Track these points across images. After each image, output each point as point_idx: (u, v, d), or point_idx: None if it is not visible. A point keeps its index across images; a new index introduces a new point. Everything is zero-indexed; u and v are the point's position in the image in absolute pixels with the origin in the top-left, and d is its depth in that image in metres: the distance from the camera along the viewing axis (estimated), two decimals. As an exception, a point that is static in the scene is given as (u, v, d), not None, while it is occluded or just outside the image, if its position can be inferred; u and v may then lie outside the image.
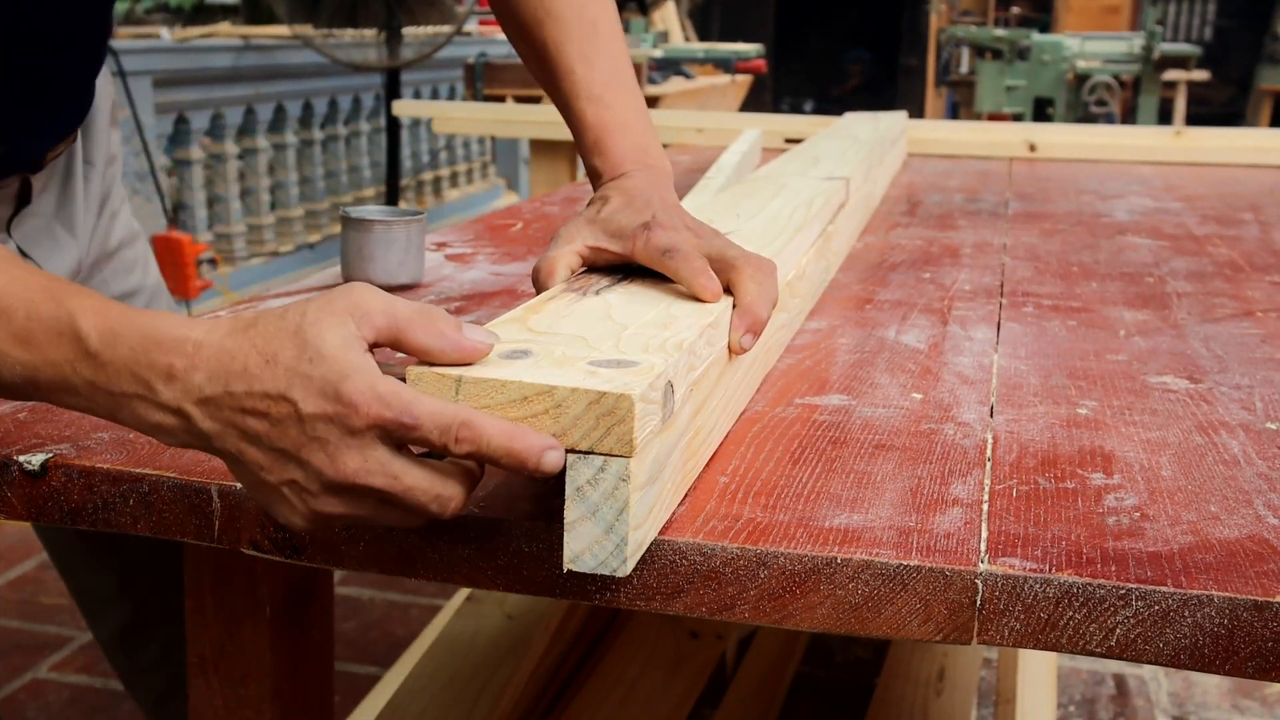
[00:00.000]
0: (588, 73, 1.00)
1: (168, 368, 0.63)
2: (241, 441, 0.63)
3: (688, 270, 0.80)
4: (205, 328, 0.64)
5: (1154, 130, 2.53)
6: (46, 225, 1.08)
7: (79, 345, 0.64)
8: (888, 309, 1.17)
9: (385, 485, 0.61)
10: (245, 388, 0.62)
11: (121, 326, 0.64)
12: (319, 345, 0.61)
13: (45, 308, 0.65)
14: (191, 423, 0.63)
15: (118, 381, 0.64)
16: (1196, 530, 0.67)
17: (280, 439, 0.61)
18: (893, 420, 0.85)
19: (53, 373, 0.65)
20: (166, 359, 0.63)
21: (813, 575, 0.64)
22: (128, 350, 0.64)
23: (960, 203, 1.85)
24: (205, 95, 4.79)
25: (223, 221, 5.02)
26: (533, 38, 1.02)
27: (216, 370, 0.62)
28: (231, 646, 0.91)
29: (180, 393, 0.63)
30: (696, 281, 0.79)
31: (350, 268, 1.21)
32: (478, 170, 6.98)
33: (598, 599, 0.67)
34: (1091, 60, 6.80)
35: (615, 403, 0.60)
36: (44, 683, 2.18)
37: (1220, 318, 1.17)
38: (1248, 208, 1.85)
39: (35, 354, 0.65)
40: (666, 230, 0.84)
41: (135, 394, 0.64)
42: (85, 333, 0.64)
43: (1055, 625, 0.62)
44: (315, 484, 0.61)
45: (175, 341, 0.63)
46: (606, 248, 0.87)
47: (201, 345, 0.63)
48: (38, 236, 1.07)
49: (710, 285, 0.79)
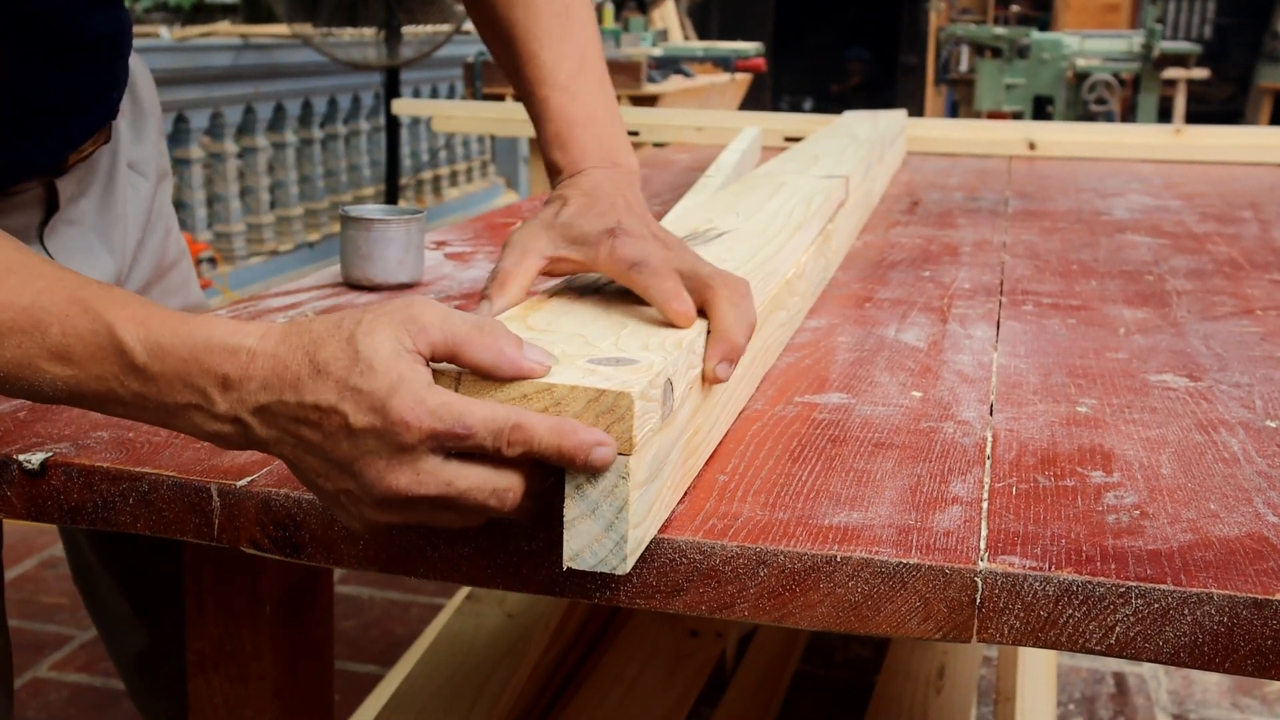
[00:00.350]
0: (554, 60, 0.94)
1: (223, 376, 0.62)
2: (297, 449, 0.62)
3: (659, 291, 0.74)
4: (258, 334, 0.63)
5: (1154, 128, 2.52)
6: (83, 236, 1.03)
7: (124, 360, 0.63)
8: (887, 307, 1.17)
9: (440, 492, 0.60)
10: (297, 398, 0.61)
11: (166, 337, 0.63)
12: (370, 357, 0.60)
13: (80, 321, 0.64)
14: (249, 430, 0.63)
15: (170, 393, 0.63)
16: (1196, 528, 0.67)
17: (333, 450, 0.61)
18: (892, 418, 0.85)
19: (98, 387, 0.64)
20: (221, 367, 0.62)
21: (812, 573, 0.64)
22: (178, 361, 0.63)
23: (960, 201, 1.85)
24: (205, 94, 4.79)
25: (222, 220, 5.02)
26: (499, 21, 0.97)
27: (270, 379, 0.62)
28: (231, 645, 0.91)
29: (236, 401, 0.62)
30: (670, 305, 0.73)
31: (350, 266, 1.21)
32: (477, 169, 6.98)
33: (597, 597, 0.67)
34: (1091, 58, 6.80)
35: (615, 400, 0.60)
36: (44, 681, 2.18)
37: (1220, 316, 1.17)
38: (1247, 205, 1.85)
39: (77, 369, 0.64)
40: (634, 239, 0.78)
41: (190, 404, 0.63)
42: (129, 346, 0.63)
43: (1055, 623, 0.62)
44: (368, 496, 0.61)
45: (229, 350, 0.62)
46: (566, 256, 0.80)
47: (256, 354, 0.62)
48: (73, 247, 1.02)
49: (685, 310, 0.73)
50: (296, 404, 0.61)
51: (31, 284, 0.65)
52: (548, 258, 0.80)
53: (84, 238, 1.02)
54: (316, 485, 0.64)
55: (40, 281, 0.65)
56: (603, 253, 0.78)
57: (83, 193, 1.03)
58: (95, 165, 1.04)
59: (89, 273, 1.00)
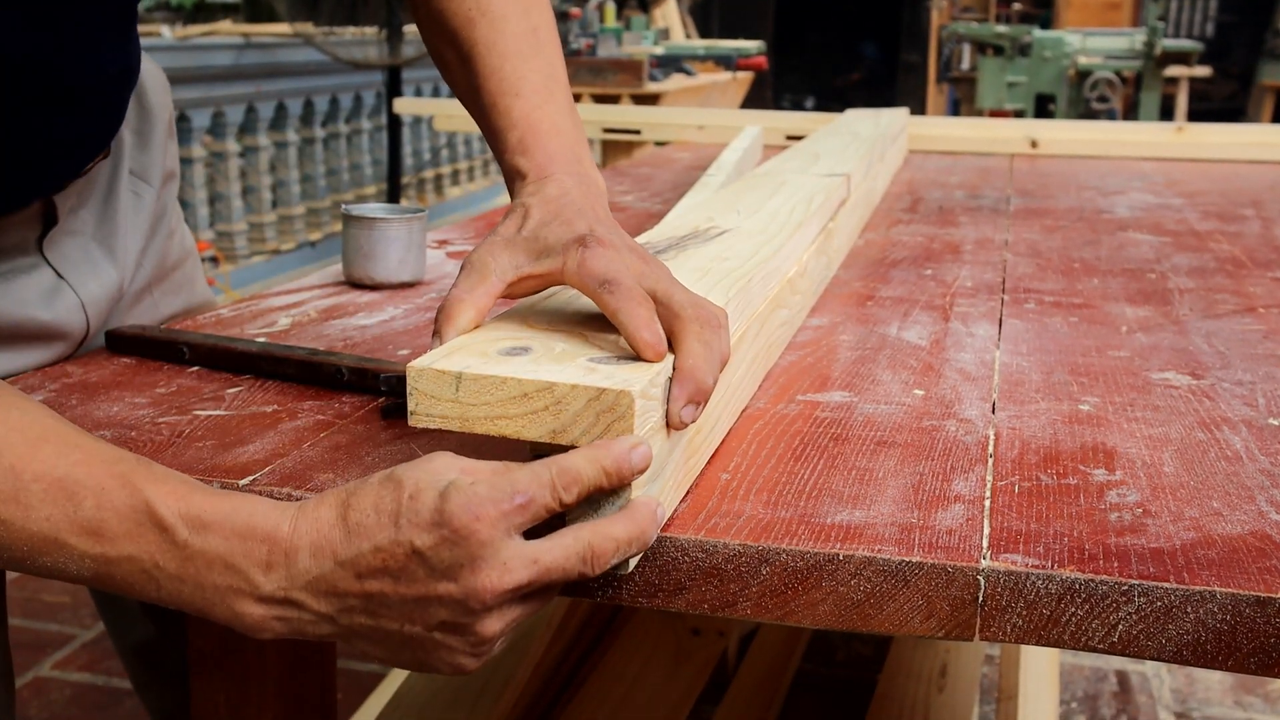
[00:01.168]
0: (521, 73, 0.86)
1: (266, 556, 0.60)
2: (368, 610, 0.59)
3: (629, 317, 0.65)
4: (295, 508, 0.61)
5: (1155, 126, 2.52)
6: (84, 246, 1.00)
7: (164, 536, 0.61)
8: (889, 306, 1.17)
9: (534, 575, 0.58)
10: (351, 552, 0.59)
11: (208, 514, 0.61)
12: (413, 481, 0.59)
13: (118, 496, 0.61)
14: (304, 610, 0.60)
15: (208, 574, 0.61)
16: (1199, 526, 0.67)
17: (410, 586, 0.58)
18: (894, 417, 0.85)
19: (130, 568, 0.61)
20: (263, 546, 0.60)
21: (815, 572, 0.64)
22: (220, 540, 0.60)
23: (961, 199, 1.85)
24: (206, 93, 4.79)
25: (224, 220, 5.02)
26: (461, 42, 0.88)
27: (318, 544, 0.59)
28: (233, 643, 0.91)
29: (284, 580, 0.60)
30: (639, 335, 0.64)
31: (352, 265, 1.21)
32: (479, 168, 6.98)
33: (600, 596, 0.67)
34: (1093, 56, 6.79)
35: (615, 399, 0.60)
36: (47, 680, 2.19)
37: (1222, 314, 1.17)
38: (1249, 203, 1.85)
39: (108, 547, 0.61)
40: (606, 250, 0.68)
41: (230, 587, 0.60)
42: (170, 523, 0.61)
43: (1058, 621, 0.62)
44: (470, 615, 0.58)
45: (269, 529, 0.60)
46: (531, 272, 0.71)
47: (296, 525, 0.60)
48: (74, 257, 0.99)
49: (653, 342, 0.64)
50: (353, 557, 0.59)
51: (68, 455, 0.63)
52: (507, 282, 0.71)
53: (85, 247, 1.01)
54: (405, 640, 0.60)
55: (77, 453, 0.63)
56: (570, 263, 0.68)
57: (83, 203, 1.01)
58: (96, 177, 1.02)
59: (92, 281, 1.00)
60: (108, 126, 0.98)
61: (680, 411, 0.65)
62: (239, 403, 0.87)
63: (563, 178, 0.78)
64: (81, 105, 0.91)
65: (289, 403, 0.87)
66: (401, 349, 1.00)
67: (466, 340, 0.67)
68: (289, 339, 1.02)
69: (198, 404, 0.86)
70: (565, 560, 0.59)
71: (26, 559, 0.63)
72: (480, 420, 0.62)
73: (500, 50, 0.86)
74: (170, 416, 0.84)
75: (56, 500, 0.61)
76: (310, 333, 1.05)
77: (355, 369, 0.89)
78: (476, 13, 0.87)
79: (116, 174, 1.04)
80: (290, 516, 0.60)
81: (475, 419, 0.62)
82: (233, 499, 0.62)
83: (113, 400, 0.87)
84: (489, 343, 0.67)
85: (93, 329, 1.01)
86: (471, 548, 0.57)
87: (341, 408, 0.86)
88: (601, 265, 0.67)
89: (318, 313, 1.12)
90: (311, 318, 1.10)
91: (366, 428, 0.82)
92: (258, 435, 0.80)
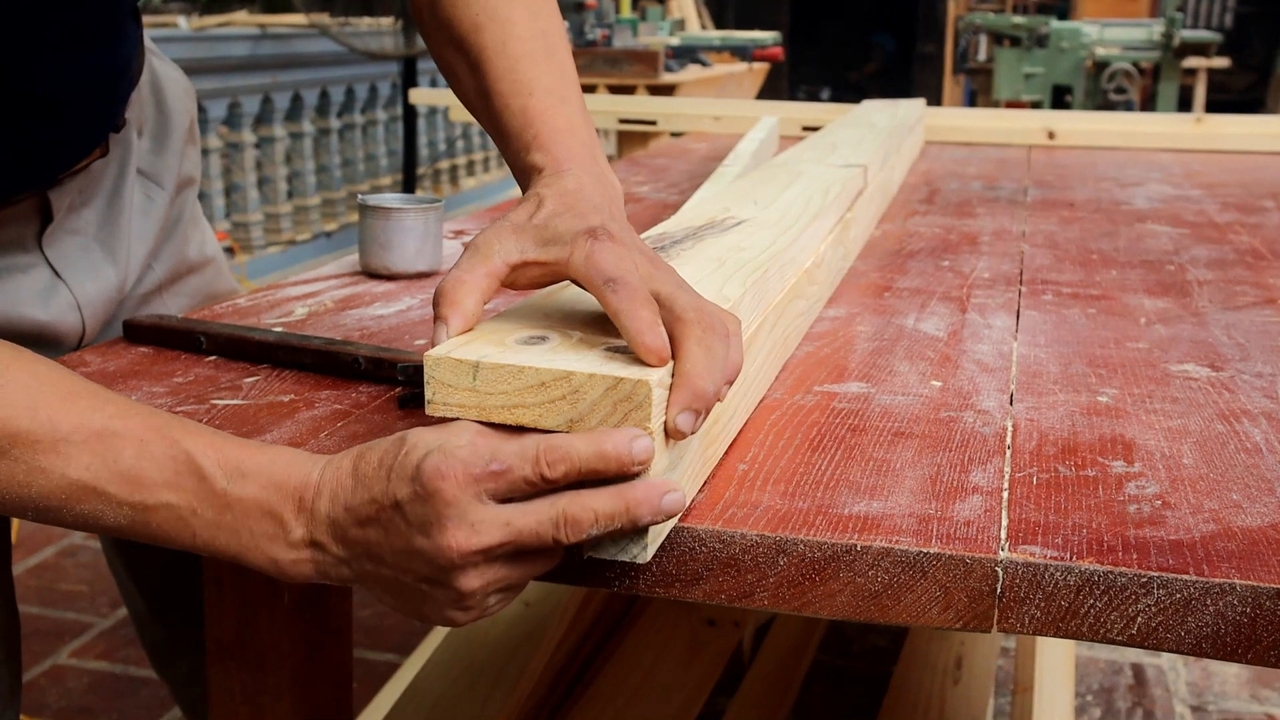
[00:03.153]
0: (533, 72, 0.84)
1: (297, 503, 0.63)
2: (370, 555, 0.62)
3: (631, 319, 0.62)
4: (325, 459, 0.64)
5: (1174, 117, 2.51)
6: (84, 246, 1.00)
7: (203, 485, 0.63)
8: (906, 297, 1.17)
9: (505, 537, 0.59)
10: (356, 500, 0.62)
11: (246, 463, 0.64)
12: (413, 441, 0.61)
13: (157, 446, 0.64)
14: (326, 551, 0.63)
15: (245, 521, 0.63)
16: (1218, 518, 0.67)
17: (395, 538, 0.60)
18: (912, 408, 0.85)
19: (166, 515, 0.64)
20: (295, 493, 0.63)
21: (832, 562, 0.64)
22: (258, 488, 0.63)
23: (979, 190, 1.84)
24: (222, 84, 4.80)
25: (240, 210, 5.04)
26: (468, 44, 0.86)
27: (335, 491, 0.62)
28: (250, 633, 0.91)
29: (309, 522, 0.63)
30: (641, 339, 0.61)
31: (368, 255, 1.21)
32: (494, 159, 6.98)
33: (617, 586, 0.67)
34: (1110, 47, 6.76)
35: (633, 389, 0.60)
36: (64, 668, 2.20)
37: (1241, 305, 1.16)
38: (1269, 195, 1.84)
39: (147, 495, 0.64)
40: (616, 247, 0.66)
41: (267, 533, 0.63)
42: (209, 472, 0.63)
43: (1076, 613, 0.61)
44: (441, 573, 0.60)
45: (302, 477, 0.63)
46: (535, 259, 0.68)
47: (324, 473, 0.63)
48: (74, 256, 0.99)
49: (656, 347, 0.61)
50: (354, 505, 0.61)
51: (103, 409, 0.65)
52: (511, 265, 0.68)
53: (85, 247, 1.00)
54: (401, 589, 0.63)
55: (111, 407, 0.65)
56: (578, 255, 0.66)
57: (85, 202, 1.00)
58: (99, 176, 1.01)
59: (90, 281, 1.00)
60: (96, 129, 0.97)
61: (677, 419, 0.61)
62: (256, 392, 0.87)
63: (580, 173, 0.76)
64: (61, 113, 0.91)
65: (306, 392, 0.87)
66: (418, 339, 1.00)
67: (483, 329, 0.67)
68: (306, 329, 1.03)
69: (215, 393, 0.87)
70: (539, 525, 0.60)
71: (63, 507, 0.64)
72: (497, 409, 0.62)
73: (511, 53, 0.84)
74: (188, 406, 0.84)
75: (95, 450, 0.64)
76: (327, 322, 1.05)
77: (372, 358, 0.89)
78: (484, 18, 0.86)
79: (123, 174, 1.04)
80: (320, 466, 0.64)
81: (492, 408, 0.62)
82: (268, 451, 0.65)
83: (131, 389, 0.87)
84: (506, 332, 0.67)
85: (89, 330, 1.00)
86: (437, 505, 0.59)
87: (358, 397, 0.86)
88: (609, 262, 0.65)
89: (334, 302, 1.12)
90: (328, 307, 1.10)
91: (383, 417, 0.82)
92: (275, 424, 0.80)
